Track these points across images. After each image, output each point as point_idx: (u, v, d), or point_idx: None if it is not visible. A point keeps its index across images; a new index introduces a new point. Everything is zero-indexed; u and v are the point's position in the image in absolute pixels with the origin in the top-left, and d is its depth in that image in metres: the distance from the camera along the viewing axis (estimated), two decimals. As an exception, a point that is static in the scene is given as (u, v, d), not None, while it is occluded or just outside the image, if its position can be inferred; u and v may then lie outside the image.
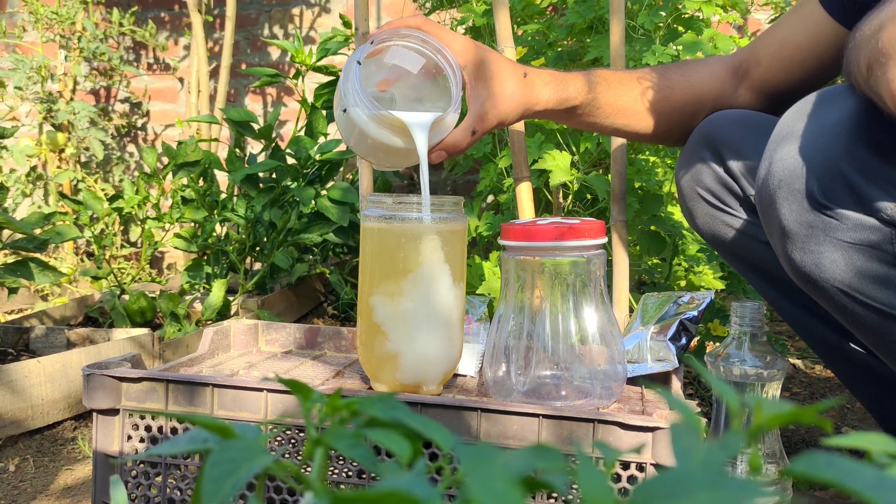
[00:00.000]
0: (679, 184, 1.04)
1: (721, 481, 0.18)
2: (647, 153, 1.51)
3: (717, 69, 1.05)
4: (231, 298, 1.78)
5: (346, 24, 2.00)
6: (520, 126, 1.19)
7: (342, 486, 0.78)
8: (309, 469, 0.32)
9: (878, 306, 0.77)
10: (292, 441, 0.89)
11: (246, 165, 1.91)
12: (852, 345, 0.97)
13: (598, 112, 1.01)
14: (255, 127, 1.87)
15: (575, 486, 0.23)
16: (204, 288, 1.88)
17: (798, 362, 1.71)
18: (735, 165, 0.97)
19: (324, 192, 1.85)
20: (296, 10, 2.78)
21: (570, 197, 1.47)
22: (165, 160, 2.97)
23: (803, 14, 0.99)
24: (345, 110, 0.86)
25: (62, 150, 2.67)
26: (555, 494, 0.74)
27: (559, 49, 1.61)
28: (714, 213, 1.00)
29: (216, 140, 2.12)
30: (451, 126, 0.88)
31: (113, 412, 0.81)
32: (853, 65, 0.75)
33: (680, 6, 1.42)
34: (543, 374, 0.86)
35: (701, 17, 1.49)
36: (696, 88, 1.04)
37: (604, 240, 0.86)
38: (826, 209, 0.75)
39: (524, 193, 1.19)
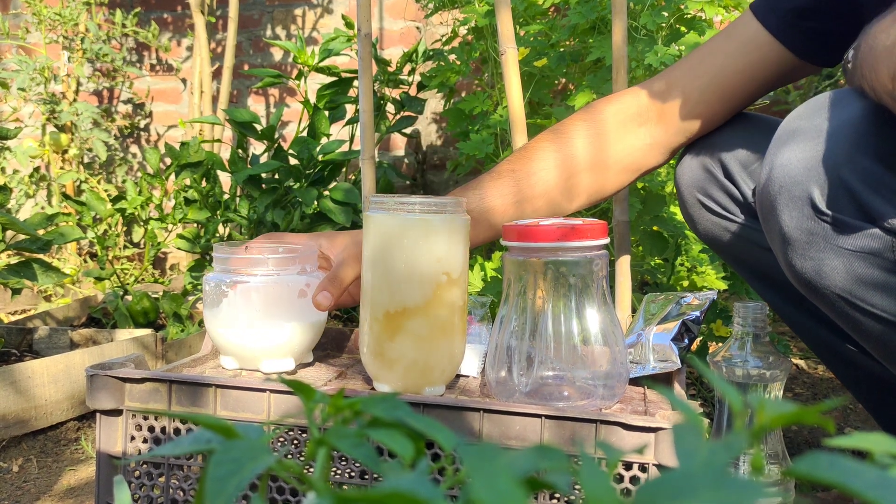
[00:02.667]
0: (679, 190, 1.03)
1: (724, 481, 0.18)
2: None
3: (608, 126, 0.99)
4: (234, 299, 1.78)
5: (349, 25, 2.00)
6: (521, 116, 1.20)
7: (345, 487, 0.78)
8: (312, 469, 0.32)
9: (878, 313, 0.77)
10: (295, 442, 0.89)
11: (249, 166, 1.92)
12: (854, 349, 0.97)
13: (480, 222, 0.97)
14: (258, 128, 1.87)
15: (577, 486, 0.23)
16: (207, 288, 1.88)
17: (801, 363, 1.71)
18: (735, 170, 0.97)
19: (326, 193, 1.86)
20: (298, 11, 2.79)
21: (573, 197, 1.47)
22: (168, 161, 2.98)
23: (741, 40, 0.95)
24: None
25: (65, 151, 2.68)
26: (557, 494, 0.74)
27: (561, 49, 1.61)
28: (715, 219, 1.00)
29: (219, 141, 2.12)
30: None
31: (116, 413, 0.81)
32: (867, 73, 0.73)
33: (682, 6, 1.42)
34: (546, 375, 0.86)
35: (703, 18, 1.49)
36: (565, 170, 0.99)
37: (606, 240, 0.86)
38: (827, 216, 0.75)
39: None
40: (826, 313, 0.83)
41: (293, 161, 1.90)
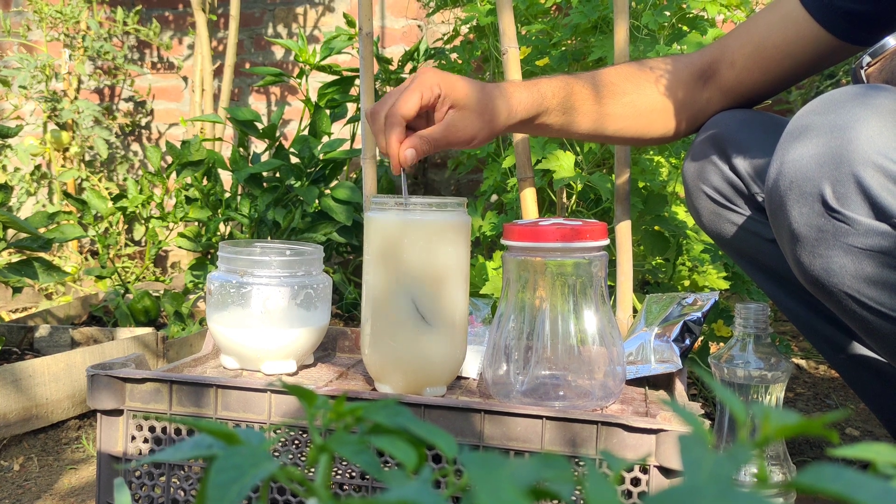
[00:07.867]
0: (685, 182, 1.04)
1: (730, 494, 0.18)
2: (652, 153, 1.50)
3: (682, 75, 1.03)
4: (235, 298, 1.78)
5: (350, 24, 2.00)
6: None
7: (346, 487, 0.78)
8: (313, 472, 0.32)
9: (886, 312, 0.76)
10: (296, 442, 0.89)
11: (250, 164, 1.92)
12: (856, 343, 0.97)
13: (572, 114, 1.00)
14: (259, 126, 1.87)
15: (579, 490, 0.23)
16: (208, 287, 1.88)
17: (802, 362, 1.71)
18: (741, 164, 0.97)
19: (328, 192, 1.85)
20: (300, 9, 2.78)
21: (574, 197, 1.47)
22: (169, 159, 2.98)
23: (781, 13, 0.98)
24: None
25: (66, 149, 2.68)
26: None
27: (563, 49, 1.60)
28: (719, 210, 1.00)
29: (220, 139, 2.12)
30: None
31: (117, 413, 0.81)
32: None
33: (684, 6, 1.41)
34: (543, 374, 0.86)
35: (706, 17, 1.49)
36: (662, 100, 1.03)
37: (606, 242, 0.86)
38: (837, 213, 0.74)
39: (527, 194, 1.19)
40: (833, 310, 0.82)
41: (294, 160, 1.90)
